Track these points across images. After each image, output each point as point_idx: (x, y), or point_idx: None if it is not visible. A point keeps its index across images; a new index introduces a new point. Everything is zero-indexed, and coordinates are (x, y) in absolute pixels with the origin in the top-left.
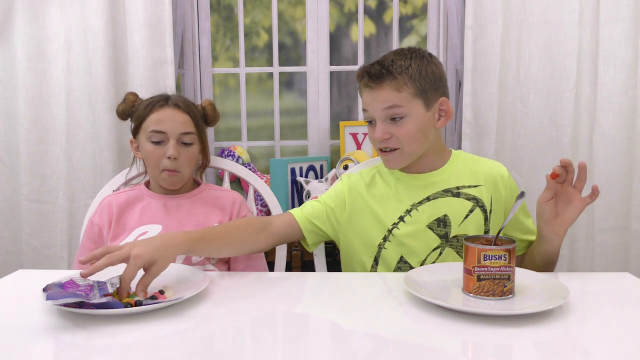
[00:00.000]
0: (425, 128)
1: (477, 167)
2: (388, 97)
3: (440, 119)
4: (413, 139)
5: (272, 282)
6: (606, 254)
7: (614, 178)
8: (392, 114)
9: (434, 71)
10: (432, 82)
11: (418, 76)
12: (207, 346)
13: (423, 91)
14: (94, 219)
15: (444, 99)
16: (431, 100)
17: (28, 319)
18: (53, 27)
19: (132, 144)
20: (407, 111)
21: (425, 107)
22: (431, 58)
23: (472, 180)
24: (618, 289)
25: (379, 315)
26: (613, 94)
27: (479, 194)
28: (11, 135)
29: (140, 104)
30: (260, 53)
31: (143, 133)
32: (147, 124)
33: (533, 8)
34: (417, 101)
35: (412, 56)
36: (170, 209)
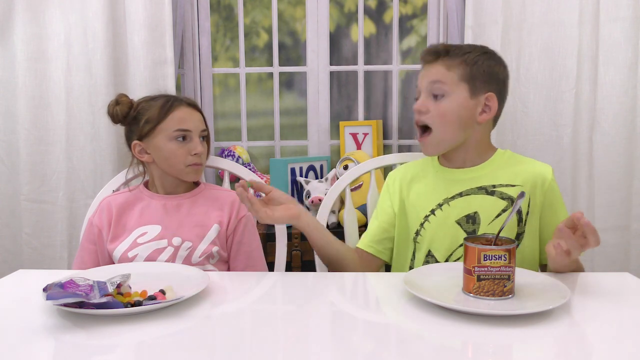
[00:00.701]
0: (464, 115)
1: (519, 166)
2: (437, 72)
3: (483, 113)
4: (447, 121)
5: (272, 282)
6: (606, 254)
7: (614, 178)
8: (435, 89)
9: (492, 66)
10: (486, 74)
11: (473, 63)
12: (207, 346)
13: (472, 78)
14: (94, 220)
15: (491, 94)
16: (478, 90)
17: (28, 319)
18: (53, 27)
19: (136, 148)
20: (449, 90)
21: (469, 94)
22: (495, 57)
23: (510, 180)
24: (618, 289)
25: (379, 315)
26: (613, 94)
27: (516, 194)
28: (11, 135)
29: (144, 107)
30: (260, 53)
31: (162, 134)
32: (167, 125)
33: (533, 8)
34: (462, 85)
35: (477, 48)
36: (170, 209)
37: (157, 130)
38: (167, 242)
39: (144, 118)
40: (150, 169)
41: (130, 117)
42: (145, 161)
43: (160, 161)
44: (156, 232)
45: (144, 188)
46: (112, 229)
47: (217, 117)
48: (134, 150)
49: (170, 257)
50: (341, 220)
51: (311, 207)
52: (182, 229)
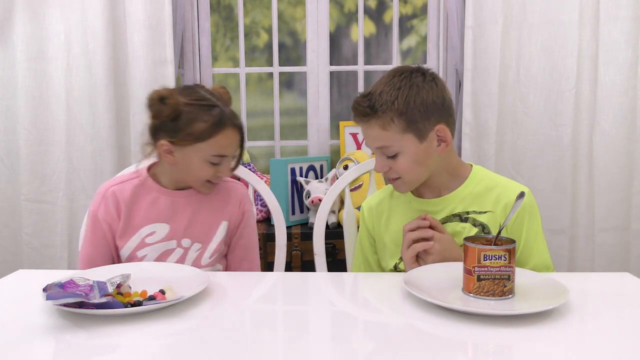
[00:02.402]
0: (422, 159)
1: (492, 191)
2: (377, 135)
3: (441, 144)
4: (410, 171)
5: (272, 282)
6: (606, 254)
7: (614, 178)
8: (385, 152)
9: (425, 99)
10: (423, 112)
11: (405, 109)
12: (207, 346)
13: (412, 124)
14: (99, 213)
15: (440, 127)
16: (424, 131)
17: (28, 319)
18: (53, 27)
19: (162, 147)
20: (398, 149)
21: (418, 140)
22: (424, 83)
23: (482, 206)
24: (618, 289)
25: (379, 315)
26: (613, 94)
27: (487, 221)
28: (11, 135)
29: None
30: (260, 53)
31: (199, 152)
32: (208, 146)
33: (533, 8)
34: (407, 136)
35: (400, 85)
36: (178, 206)
37: (196, 147)
38: (176, 244)
39: (186, 128)
40: (164, 164)
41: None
42: (167, 161)
43: (182, 169)
44: (164, 231)
45: (149, 178)
46: (121, 225)
47: None
48: (159, 147)
49: (180, 259)
50: (341, 220)
51: (311, 207)
52: (191, 229)
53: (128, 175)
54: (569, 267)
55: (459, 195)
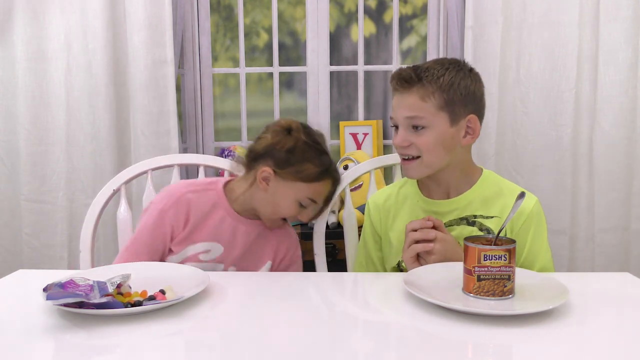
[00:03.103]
0: (447, 142)
1: (499, 196)
2: (413, 104)
3: (467, 136)
4: (432, 150)
5: (272, 282)
6: (606, 254)
7: (614, 178)
8: (414, 122)
9: (468, 86)
10: (463, 96)
11: (448, 88)
12: (207, 346)
13: (450, 104)
14: (167, 214)
15: (472, 117)
16: (458, 115)
17: (28, 319)
18: (53, 27)
19: (263, 173)
20: (428, 122)
21: (449, 122)
22: (470, 73)
23: (489, 211)
24: (618, 289)
25: (379, 315)
26: (613, 94)
27: (494, 226)
28: (11, 135)
29: (305, 155)
30: (260, 53)
31: (294, 190)
32: (307, 188)
33: (533, 8)
34: (441, 114)
35: (449, 67)
36: (238, 233)
37: (296, 185)
38: (223, 267)
39: (297, 164)
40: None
41: (287, 150)
42: (261, 187)
43: (269, 199)
44: (218, 252)
45: (223, 195)
46: (185, 232)
47: (217, 117)
48: (259, 172)
49: None
50: (341, 220)
51: None
52: (241, 258)
53: (204, 184)
54: (569, 267)
55: (467, 198)
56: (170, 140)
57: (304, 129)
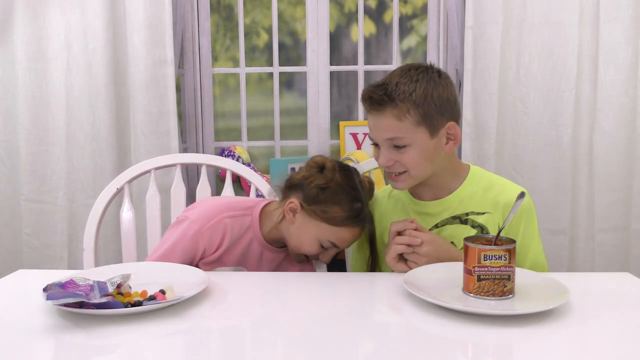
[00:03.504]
0: (431, 154)
1: (490, 192)
2: (390, 126)
3: (449, 142)
4: (417, 165)
5: (272, 282)
6: (606, 254)
7: (614, 178)
8: (395, 143)
9: (441, 94)
10: (438, 106)
11: (422, 102)
12: (207, 346)
13: (427, 117)
14: (203, 237)
15: (451, 124)
16: (436, 126)
17: (28, 319)
18: (53, 27)
19: (290, 204)
20: (409, 140)
21: (429, 134)
22: (440, 79)
23: (480, 207)
24: (618, 289)
25: (379, 315)
26: (613, 94)
27: (485, 222)
28: (11, 135)
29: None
30: (260, 53)
31: (319, 230)
32: (331, 231)
33: (533, 8)
34: (420, 129)
35: (418, 78)
36: (264, 259)
37: (320, 224)
38: None
39: (324, 204)
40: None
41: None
42: (287, 218)
43: (293, 232)
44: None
45: (257, 221)
46: (216, 254)
47: (217, 117)
48: (287, 203)
49: None
50: None
51: None
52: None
53: (243, 208)
54: (569, 267)
55: (457, 197)
56: (170, 140)
57: (342, 170)
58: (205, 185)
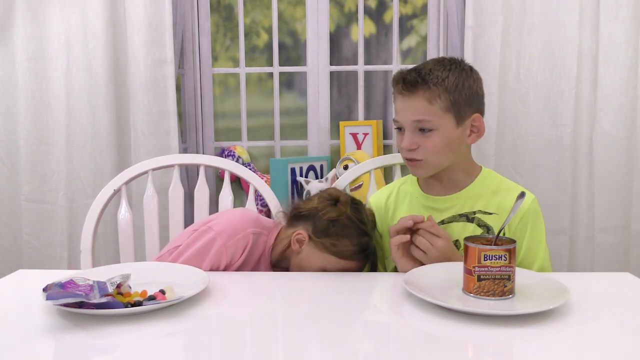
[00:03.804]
0: (454, 143)
1: (498, 193)
2: (420, 108)
3: (472, 134)
4: (439, 152)
5: (272, 282)
6: (606, 254)
7: (614, 178)
8: (421, 125)
9: (471, 86)
10: (467, 96)
11: (454, 89)
12: (207, 346)
13: (456, 105)
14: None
15: (477, 116)
16: (463, 116)
17: (28, 319)
18: (53, 27)
19: (297, 235)
20: (436, 125)
21: (456, 123)
22: (471, 72)
23: (488, 207)
24: (618, 289)
25: (378, 315)
26: (613, 94)
27: (492, 223)
28: (11, 135)
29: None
30: (260, 53)
31: (326, 261)
32: (337, 263)
33: (533, 8)
34: (448, 115)
35: (451, 68)
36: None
37: (327, 256)
38: None
39: (334, 238)
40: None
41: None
42: (293, 248)
43: (298, 263)
44: None
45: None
46: (232, 268)
47: (217, 117)
48: (295, 234)
49: None
50: None
51: None
52: None
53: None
54: (569, 267)
55: (466, 195)
56: (170, 140)
57: (352, 204)
58: (203, 185)
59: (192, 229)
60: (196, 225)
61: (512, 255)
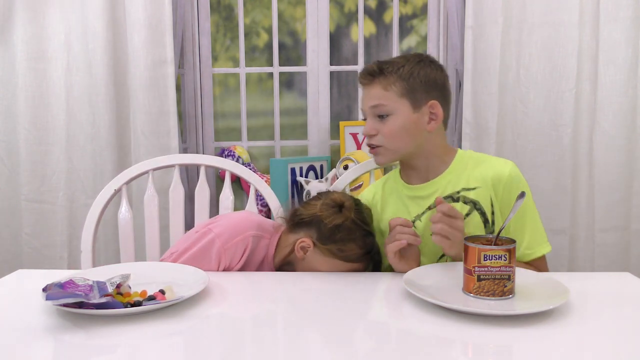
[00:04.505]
0: (411, 128)
1: (478, 168)
2: (376, 94)
3: (431, 122)
4: (396, 137)
5: (272, 282)
6: (606, 254)
7: (614, 178)
8: (378, 111)
9: (429, 74)
10: (423, 83)
11: (408, 76)
12: (207, 346)
13: (411, 91)
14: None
15: (434, 102)
16: (419, 101)
17: (28, 319)
18: (53, 27)
19: (302, 243)
20: (392, 109)
21: (412, 108)
22: (432, 64)
23: (471, 183)
24: (618, 289)
25: (379, 315)
26: (613, 94)
27: (477, 197)
28: (11, 135)
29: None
30: (260, 53)
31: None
32: (342, 265)
33: (533, 8)
34: (403, 100)
35: (410, 59)
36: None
37: (333, 261)
38: None
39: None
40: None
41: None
42: (297, 255)
43: (302, 269)
44: None
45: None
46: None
47: (217, 117)
48: (298, 241)
49: None
50: None
51: None
52: None
53: (265, 229)
54: (569, 267)
55: (446, 178)
56: (170, 140)
57: (355, 206)
58: (204, 185)
59: (194, 231)
60: (198, 227)
61: (512, 255)
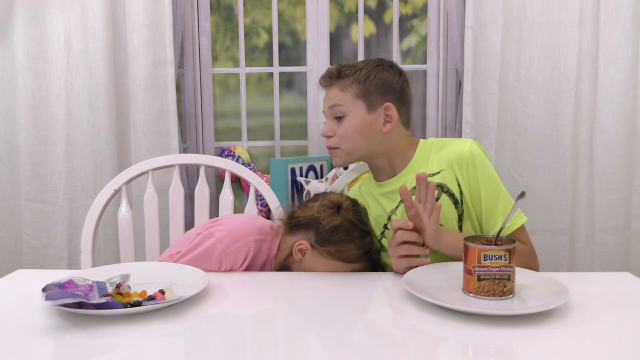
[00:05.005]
0: (365, 130)
1: (440, 152)
2: (333, 96)
3: (387, 124)
4: (350, 138)
5: (272, 282)
6: (606, 254)
7: (614, 178)
8: (335, 112)
9: (385, 77)
10: (379, 86)
11: (364, 79)
12: (207, 346)
13: (366, 93)
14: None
15: (389, 104)
16: (374, 103)
17: (28, 319)
18: (53, 27)
19: (299, 245)
20: (347, 110)
21: (367, 109)
22: (391, 68)
23: (434, 167)
24: (618, 289)
25: (378, 315)
26: (613, 94)
27: (443, 180)
28: (11, 135)
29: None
30: (260, 53)
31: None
32: (342, 267)
33: (533, 8)
34: (358, 102)
35: (369, 63)
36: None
37: (332, 262)
38: None
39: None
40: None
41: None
42: (295, 258)
43: (302, 269)
44: None
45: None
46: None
47: (217, 117)
48: (296, 244)
49: None
50: None
51: None
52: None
53: (266, 232)
54: (569, 267)
55: (412, 169)
56: (170, 140)
57: (352, 207)
58: (204, 185)
59: (195, 232)
60: (199, 228)
61: (512, 255)
